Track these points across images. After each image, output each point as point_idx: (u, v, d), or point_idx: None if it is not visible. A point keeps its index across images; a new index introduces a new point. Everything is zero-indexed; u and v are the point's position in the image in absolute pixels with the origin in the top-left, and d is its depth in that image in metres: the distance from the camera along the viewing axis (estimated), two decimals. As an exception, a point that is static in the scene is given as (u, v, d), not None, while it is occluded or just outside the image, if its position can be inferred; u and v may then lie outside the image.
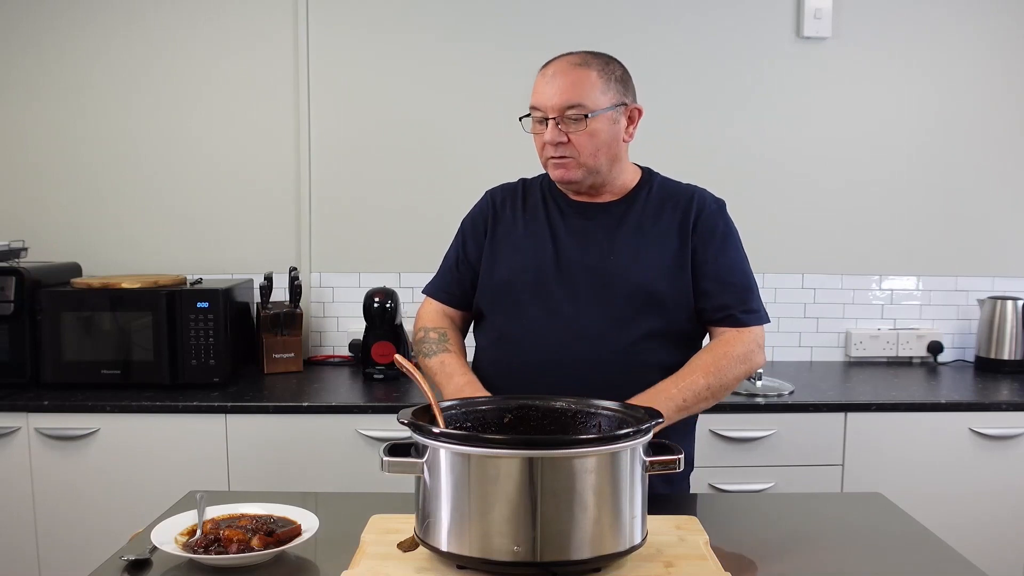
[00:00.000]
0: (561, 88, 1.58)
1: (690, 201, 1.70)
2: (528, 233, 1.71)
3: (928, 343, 2.99)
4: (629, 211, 1.68)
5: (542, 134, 1.62)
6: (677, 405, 1.55)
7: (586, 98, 1.58)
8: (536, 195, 1.75)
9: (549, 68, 1.63)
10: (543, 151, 1.63)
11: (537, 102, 1.61)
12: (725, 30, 2.95)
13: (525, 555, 1.10)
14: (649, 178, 1.75)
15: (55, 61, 2.91)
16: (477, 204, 1.82)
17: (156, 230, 2.96)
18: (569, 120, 1.58)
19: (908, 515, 1.51)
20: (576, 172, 1.62)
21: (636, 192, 1.71)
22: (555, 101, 1.58)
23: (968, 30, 2.98)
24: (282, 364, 2.75)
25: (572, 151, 1.60)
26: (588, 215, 1.69)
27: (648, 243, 1.65)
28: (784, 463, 2.44)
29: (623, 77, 1.65)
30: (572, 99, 1.57)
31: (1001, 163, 3.03)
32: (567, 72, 1.59)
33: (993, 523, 2.47)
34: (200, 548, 1.24)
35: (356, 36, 2.93)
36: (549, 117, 1.59)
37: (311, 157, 2.95)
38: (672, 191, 1.72)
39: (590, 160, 1.61)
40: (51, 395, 2.42)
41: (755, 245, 2.97)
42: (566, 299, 1.64)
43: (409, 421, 1.19)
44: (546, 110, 1.59)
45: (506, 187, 1.81)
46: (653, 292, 1.63)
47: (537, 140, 1.64)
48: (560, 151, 1.60)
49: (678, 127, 2.97)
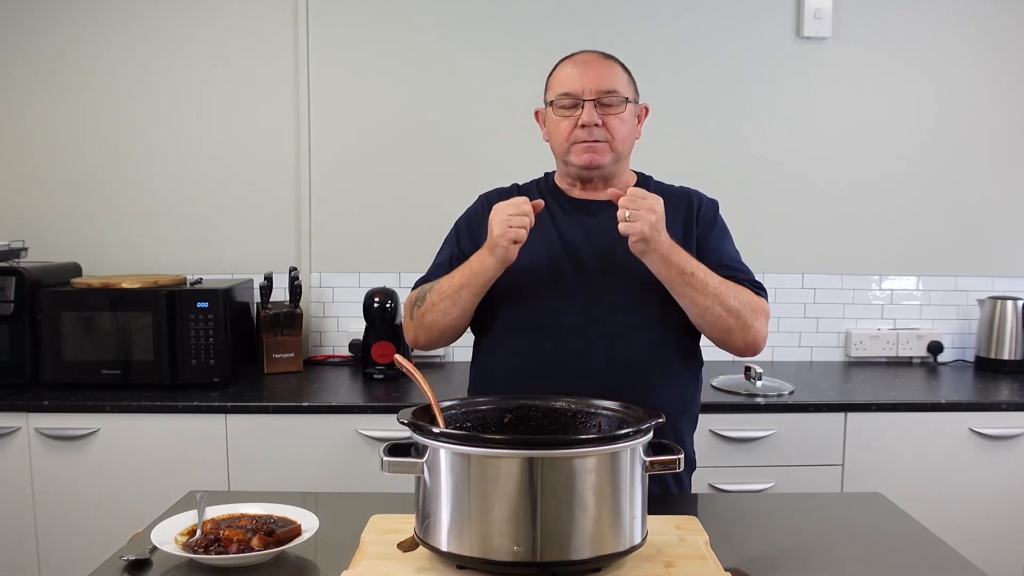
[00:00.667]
0: (599, 73, 1.64)
1: (689, 198, 1.74)
2: (533, 230, 1.68)
3: (928, 343, 2.99)
4: None
5: (569, 119, 1.64)
6: (684, 265, 1.53)
7: (620, 86, 1.65)
8: (533, 195, 1.73)
9: (578, 58, 1.68)
10: (570, 135, 1.64)
11: (570, 88, 1.64)
12: (725, 30, 2.95)
13: (525, 555, 1.10)
14: (645, 182, 1.79)
15: (55, 61, 2.92)
16: (471, 207, 1.81)
17: (156, 230, 2.96)
18: (604, 105, 1.63)
19: (908, 515, 1.51)
20: (606, 156, 1.65)
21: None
22: (594, 84, 1.62)
23: (968, 30, 2.98)
24: (282, 364, 2.75)
25: (605, 135, 1.64)
26: (591, 211, 1.70)
27: None
28: (784, 463, 2.44)
29: (633, 78, 1.73)
30: (610, 84, 1.63)
31: (1001, 163, 3.03)
32: (601, 61, 1.67)
33: (993, 523, 2.47)
34: (200, 548, 1.24)
35: (356, 36, 2.93)
36: (585, 100, 1.62)
37: (311, 157, 2.95)
38: (668, 192, 1.75)
39: (620, 146, 1.66)
40: (51, 395, 2.42)
41: (755, 245, 2.99)
42: (580, 287, 1.63)
43: (409, 421, 1.19)
44: (583, 93, 1.62)
45: (500, 191, 1.80)
46: (659, 285, 1.61)
47: (563, 125, 1.65)
48: (594, 134, 1.63)
49: (678, 127, 2.96)
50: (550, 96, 1.68)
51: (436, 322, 1.65)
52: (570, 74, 1.65)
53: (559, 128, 1.66)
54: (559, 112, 1.65)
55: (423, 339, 1.70)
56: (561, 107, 1.65)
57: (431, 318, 1.65)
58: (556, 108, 1.66)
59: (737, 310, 1.56)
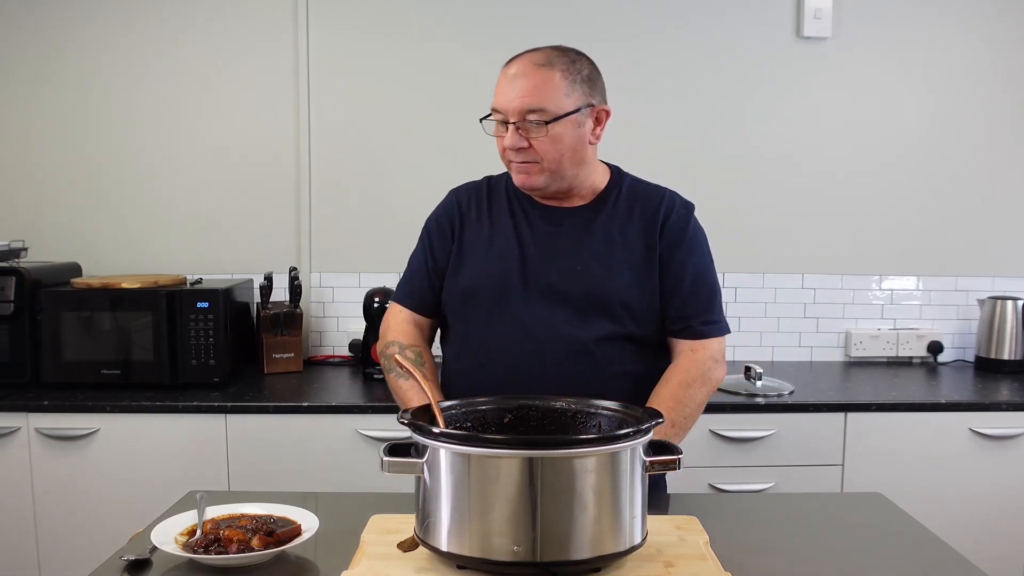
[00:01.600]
0: (522, 91, 1.50)
1: (659, 204, 1.64)
2: (494, 239, 1.64)
3: (928, 343, 2.99)
4: (597, 216, 1.63)
5: (503, 137, 1.55)
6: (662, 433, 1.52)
7: (548, 102, 1.50)
8: (501, 196, 1.68)
9: (512, 67, 1.55)
10: (504, 155, 1.58)
11: (498, 104, 1.54)
12: (725, 30, 2.95)
13: (525, 555, 1.10)
14: (619, 179, 1.69)
15: (55, 61, 2.91)
16: (441, 204, 1.75)
17: (156, 230, 2.96)
18: (530, 125, 1.51)
19: (908, 515, 1.51)
20: (539, 178, 1.56)
21: (605, 195, 1.65)
22: (515, 104, 1.50)
23: (968, 30, 2.98)
24: (282, 364, 2.75)
25: (534, 156, 1.53)
26: (555, 220, 1.63)
27: (616, 250, 1.60)
28: (784, 463, 2.44)
29: (590, 76, 1.58)
30: (533, 103, 1.50)
31: (1001, 163, 3.03)
32: (529, 73, 1.51)
33: (993, 523, 2.47)
34: (200, 548, 1.24)
35: (357, 37, 2.93)
36: (509, 121, 1.52)
37: (311, 157, 2.95)
38: (641, 193, 1.67)
39: (553, 166, 1.54)
40: (51, 395, 2.42)
41: (755, 245, 3.01)
42: (531, 309, 1.58)
43: (409, 421, 1.19)
44: (506, 113, 1.52)
45: (470, 187, 1.74)
46: (621, 302, 1.59)
47: (499, 143, 1.57)
48: (521, 156, 1.54)
49: (678, 127, 2.97)
50: (491, 104, 1.57)
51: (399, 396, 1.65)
52: (500, 88, 1.54)
53: (497, 144, 1.58)
54: (495, 128, 1.56)
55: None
56: (496, 122, 1.56)
57: (392, 390, 1.67)
58: (492, 124, 1.56)
59: (693, 414, 1.61)
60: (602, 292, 1.58)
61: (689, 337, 1.63)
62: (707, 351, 1.62)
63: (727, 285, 3.00)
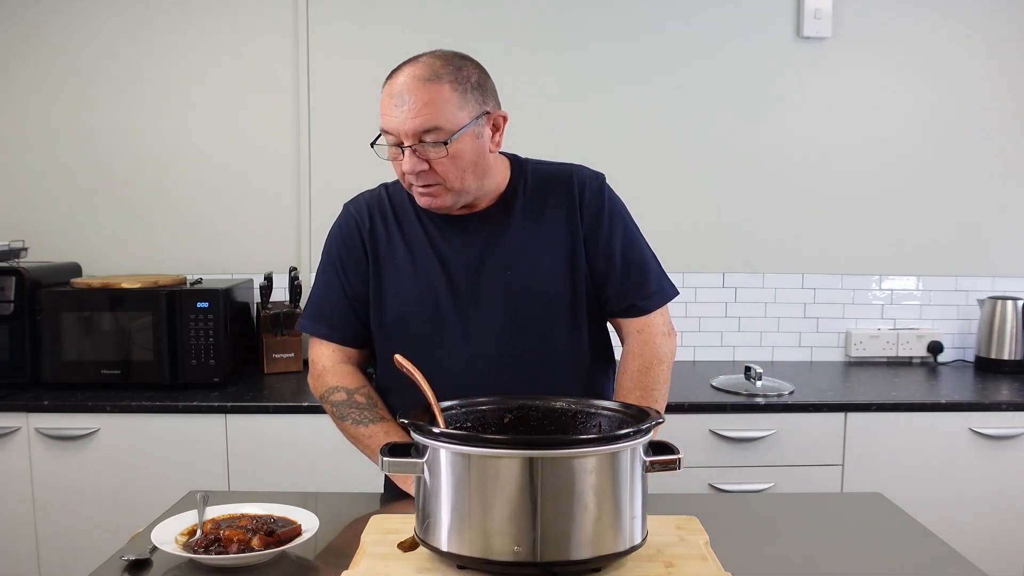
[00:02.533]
0: (412, 111, 1.39)
1: (570, 184, 1.57)
2: (413, 259, 1.56)
3: (928, 343, 3.00)
4: (510, 214, 1.55)
5: (399, 160, 1.44)
6: None
7: (442, 119, 1.40)
8: (407, 209, 1.58)
9: (395, 84, 1.42)
10: (403, 179, 1.48)
11: (388, 126, 1.42)
12: (725, 30, 2.95)
13: (525, 555, 1.10)
14: (521, 169, 1.60)
15: (55, 61, 2.91)
16: (338, 223, 1.64)
17: (156, 230, 2.96)
18: (427, 146, 1.40)
19: (908, 515, 1.51)
20: (445, 199, 1.47)
21: (512, 190, 1.57)
22: (408, 127, 1.39)
23: (968, 30, 2.98)
24: (282, 364, 2.75)
25: (436, 178, 1.44)
26: (469, 228, 1.55)
27: (539, 243, 1.55)
28: (784, 463, 2.44)
29: (480, 81, 1.46)
30: (427, 123, 1.39)
31: (1001, 163, 3.03)
32: (416, 91, 1.39)
33: (993, 523, 2.47)
34: (200, 548, 1.24)
35: (357, 37, 2.93)
36: (404, 145, 1.41)
37: (311, 157, 2.95)
38: (548, 176, 1.59)
39: (457, 184, 1.45)
40: (51, 395, 2.42)
41: (755, 245, 3.01)
42: (472, 324, 1.53)
43: (409, 421, 1.19)
44: (399, 136, 1.41)
45: (368, 199, 1.63)
46: (559, 294, 1.55)
47: (396, 167, 1.46)
48: (423, 180, 1.44)
49: (677, 127, 2.97)
50: (380, 125, 1.45)
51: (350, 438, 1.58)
52: (387, 108, 1.42)
53: (394, 168, 1.47)
54: (389, 151, 1.45)
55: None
56: (389, 144, 1.45)
57: (350, 439, 1.59)
58: (384, 147, 1.46)
59: (662, 396, 1.58)
60: (537, 290, 1.54)
61: (633, 315, 1.59)
62: (653, 328, 1.59)
63: (727, 285, 3.01)
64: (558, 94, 2.93)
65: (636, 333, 1.60)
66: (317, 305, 1.64)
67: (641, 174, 2.92)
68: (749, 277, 3.02)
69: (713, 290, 3.01)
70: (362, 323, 1.60)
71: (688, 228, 2.97)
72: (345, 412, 1.56)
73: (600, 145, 2.91)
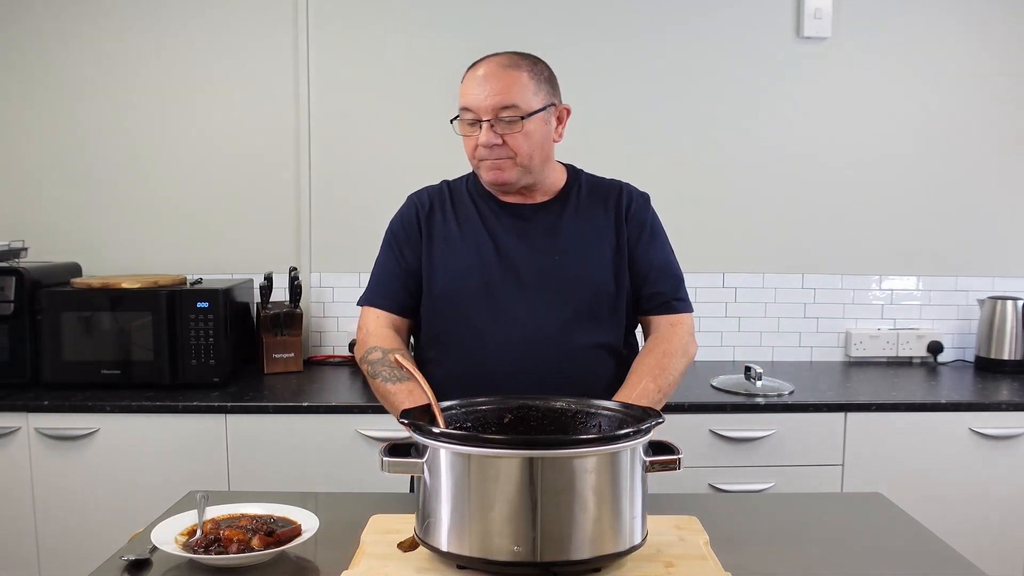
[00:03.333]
0: (494, 90, 1.57)
1: (619, 194, 1.72)
2: (465, 237, 1.68)
3: (928, 343, 3.00)
4: (564, 209, 1.68)
5: (473, 136, 1.60)
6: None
7: (519, 99, 1.58)
8: (465, 197, 1.72)
9: (479, 69, 1.61)
10: (475, 153, 1.62)
11: (469, 103, 1.59)
12: (725, 30, 2.95)
13: (525, 555, 1.10)
14: (576, 176, 1.75)
15: (55, 61, 2.91)
16: (401, 211, 1.78)
17: (156, 230, 2.96)
18: (503, 122, 1.57)
19: (908, 515, 1.51)
20: (512, 173, 1.61)
21: (567, 191, 1.71)
22: (489, 102, 1.57)
23: (968, 30, 2.98)
24: (282, 364, 2.75)
25: (507, 152, 1.59)
26: (524, 216, 1.68)
27: (588, 240, 1.67)
28: (784, 463, 2.44)
29: (550, 78, 1.66)
30: (506, 100, 1.57)
31: (1001, 163, 3.03)
32: (498, 74, 1.59)
33: (993, 523, 2.47)
34: (200, 548, 1.24)
35: (356, 35, 2.93)
36: (483, 119, 1.57)
37: (311, 157, 2.95)
38: (600, 187, 1.74)
39: (526, 161, 1.60)
40: (51, 395, 2.42)
41: (755, 245, 3.01)
42: (516, 301, 1.62)
43: (409, 421, 1.19)
44: (479, 111, 1.58)
45: (430, 190, 1.78)
46: (604, 287, 1.65)
47: (468, 142, 1.62)
48: (495, 153, 1.59)
49: (677, 127, 2.97)
50: (458, 107, 1.63)
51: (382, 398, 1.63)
52: (470, 88, 1.60)
53: (465, 144, 1.64)
54: (463, 128, 1.62)
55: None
56: (465, 122, 1.61)
57: (379, 395, 1.64)
58: (460, 123, 1.62)
59: (675, 381, 1.63)
60: (584, 280, 1.64)
61: (666, 312, 1.69)
62: (684, 326, 1.69)
63: (727, 285, 3.01)
64: (558, 94, 2.93)
65: (668, 326, 1.69)
66: (373, 279, 1.77)
67: (640, 174, 2.88)
68: (749, 277, 3.02)
69: (713, 290, 3.01)
70: (410, 295, 1.71)
71: (688, 228, 2.97)
72: (378, 370, 1.63)
73: (599, 145, 2.91)
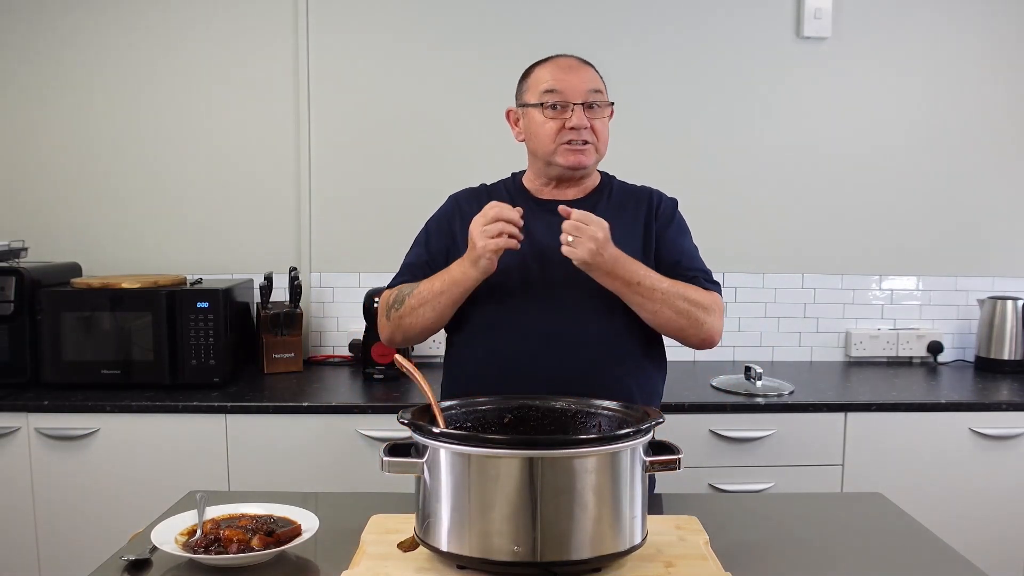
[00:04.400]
0: (585, 77, 1.68)
1: (649, 196, 1.79)
2: None
3: (928, 343, 3.00)
4: (596, 207, 1.71)
5: (558, 119, 1.66)
6: (629, 276, 1.57)
7: (603, 88, 1.71)
8: (502, 195, 1.76)
9: (560, 61, 1.71)
10: (558, 136, 1.67)
11: (561, 87, 1.67)
12: (725, 30, 2.95)
13: (525, 555, 1.10)
14: (609, 180, 1.82)
15: (55, 62, 2.91)
16: (441, 208, 1.84)
17: (156, 230, 2.96)
18: (594, 107, 1.67)
19: (908, 515, 1.51)
20: (591, 157, 1.69)
21: (599, 191, 1.77)
22: (584, 86, 1.67)
23: (968, 30, 2.98)
24: (282, 364, 2.75)
25: (592, 136, 1.67)
26: (558, 211, 1.69)
27: (619, 233, 1.65)
28: (784, 463, 2.44)
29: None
30: (598, 85, 1.69)
31: (1001, 163, 3.03)
32: (582, 66, 1.71)
33: (993, 523, 2.47)
34: (200, 548, 1.24)
35: (356, 36, 2.93)
36: (574, 103, 1.65)
37: (311, 157, 2.95)
38: (630, 189, 1.81)
39: (602, 147, 1.71)
40: (51, 395, 2.42)
41: (755, 245, 3.01)
42: (550, 287, 1.65)
43: (409, 421, 1.19)
44: (573, 95, 1.66)
45: (469, 191, 1.84)
46: None
47: (549, 127, 1.67)
48: (583, 135, 1.66)
49: (677, 127, 2.97)
50: (532, 97, 1.70)
51: (414, 324, 1.67)
52: (556, 76, 1.68)
53: (544, 129, 1.68)
54: (547, 113, 1.67)
55: (399, 339, 1.73)
56: (550, 107, 1.67)
57: (409, 321, 1.67)
58: (545, 109, 1.67)
59: (687, 311, 1.61)
60: None
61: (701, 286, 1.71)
62: (716, 297, 1.69)
63: (727, 285, 3.00)
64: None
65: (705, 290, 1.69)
66: (400, 270, 1.80)
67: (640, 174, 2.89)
68: (749, 277, 3.02)
69: (713, 290, 3.00)
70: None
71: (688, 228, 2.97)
72: (399, 297, 1.69)
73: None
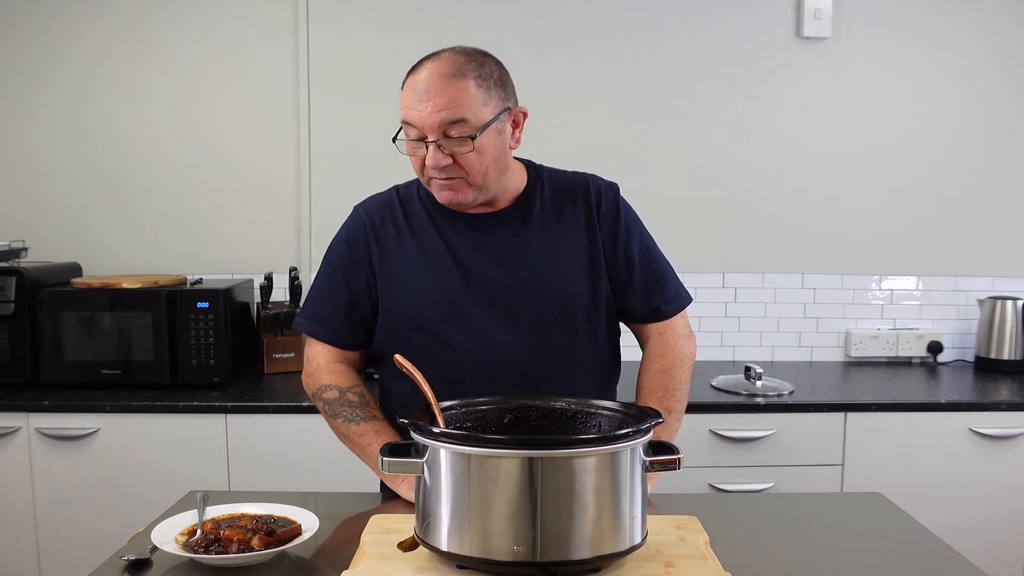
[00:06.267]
0: (438, 105, 1.38)
1: (586, 191, 1.58)
2: (423, 256, 1.53)
3: (928, 343, 3.00)
4: (528, 216, 1.55)
5: (418, 155, 1.43)
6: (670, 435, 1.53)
7: (468, 113, 1.39)
8: (417, 208, 1.56)
9: (419, 80, 1.41)
10: (423, 172, 1.46)
11: (412, 119, 1.41)
12: (725, 30, 2.95)
13: (525, 555, 1.10)
14: (538, 175, 1.60)
15: (55, 62, 2.91)
16: (347, 226, 1.61)
17: (156, 230, 2.96)
18: (452, 141, 1.40)
19: (908, 515, 1.51)
20: (467, 194, 1.46)
21: (529, 193, 1.57)
22: (434, 120, 1.39)
23: (968, 30, 2.98)
24: (282, 364, 2.75)
25: (459, 172, 1.43)
26: (485, 227, 1.53)
27: (557, 247, 1.54)
28: (784, 463, 2.44)
29: (501, 78, 1.47)
30: (453, 115, 1.39)
31: (1001, 163, 3.03)
32: (442, 87, 1.39)
33: (993, 523, 2.47)
34: (200, 548, 1.24)
35: (357, 36, 2.93)
36: (429, 140, 1.40)
37: (311, 157, 2.95)
38: (564, 182, 1.60)
39: (479, 179, 1.44)
40: (51, 395, 2.42)
41: (755, 245, 3.01)
42: (488, 324, 1.50)
43: (409, 421, 1.19)
44: (424, 130, 1.40)
45: (380, 200, 1.61)
46: (579, 297, 1.54)
47: (414, 161, 1.46)
48: (446, 173, 1.43)
49: (677, 127, 2.97)
50: (401, 118, 1.44)
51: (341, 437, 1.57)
52: (410, 102, 1.41)
53: (413, 162, 1.47)
54: (408, 145, 1.45)
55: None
56: (409, 138, 1.44)
57: (341, 437, 1.58)
58: (407, 141, 1.45)
59: (684, 396, 1.59)
60: (555, 293, 1.53)
61: (656, 320, 1.61)
62: (675, 330, 1.62)
63: (727, 285, 3.01)
64: (557, 95, 2.93)
65: (658, 335, 1.62)
66: (315, 305, 1.63)
67: (640, 174, 2.91)
68: (749, 277, 3.02)
69: (713, 290, 3.01)
70: (356, 328, 1.59)
71: (688, 228, 2.97)
72: (337, 410, 1.57)
73: (598, 146, 2.91)
